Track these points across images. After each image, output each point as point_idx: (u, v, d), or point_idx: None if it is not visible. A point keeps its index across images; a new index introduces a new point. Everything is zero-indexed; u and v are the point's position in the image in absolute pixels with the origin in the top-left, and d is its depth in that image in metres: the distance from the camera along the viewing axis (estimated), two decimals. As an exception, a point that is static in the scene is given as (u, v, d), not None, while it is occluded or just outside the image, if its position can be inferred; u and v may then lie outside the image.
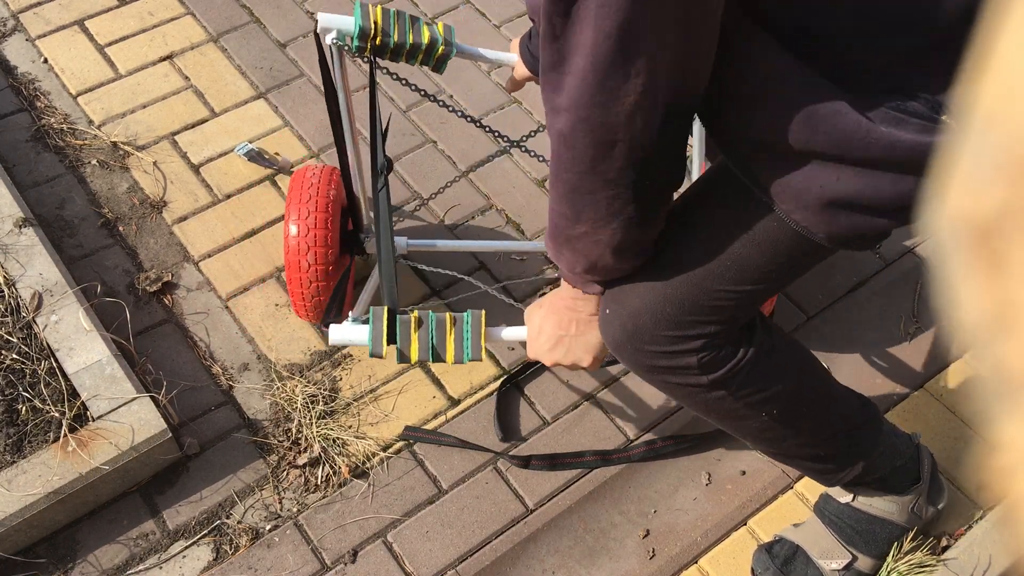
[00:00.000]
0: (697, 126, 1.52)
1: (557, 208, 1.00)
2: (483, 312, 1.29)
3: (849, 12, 0.87)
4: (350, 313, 1.42)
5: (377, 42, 1.36)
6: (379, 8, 1.37)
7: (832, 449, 1.28)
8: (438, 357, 1.27)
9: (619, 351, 1.14)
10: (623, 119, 0.87)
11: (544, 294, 1.75)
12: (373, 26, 1.35)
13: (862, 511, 1.39)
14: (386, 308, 1.27)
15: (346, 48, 1.37)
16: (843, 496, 1.40)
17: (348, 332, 1.29)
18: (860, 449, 1.30)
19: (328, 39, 1.36)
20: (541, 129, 1.65)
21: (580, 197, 0.96)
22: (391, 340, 1.26)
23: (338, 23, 1.36)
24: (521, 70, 1.49)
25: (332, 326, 1.30)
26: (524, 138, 1.57)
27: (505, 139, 1.56)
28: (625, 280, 1.11)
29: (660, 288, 1.08)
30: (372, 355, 1.26)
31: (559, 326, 1.20)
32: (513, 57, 1.50)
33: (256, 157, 1.87)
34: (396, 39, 1.36)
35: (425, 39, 1.38)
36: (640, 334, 1.10)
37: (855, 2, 0.87)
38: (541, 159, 1.64)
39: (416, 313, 1.27)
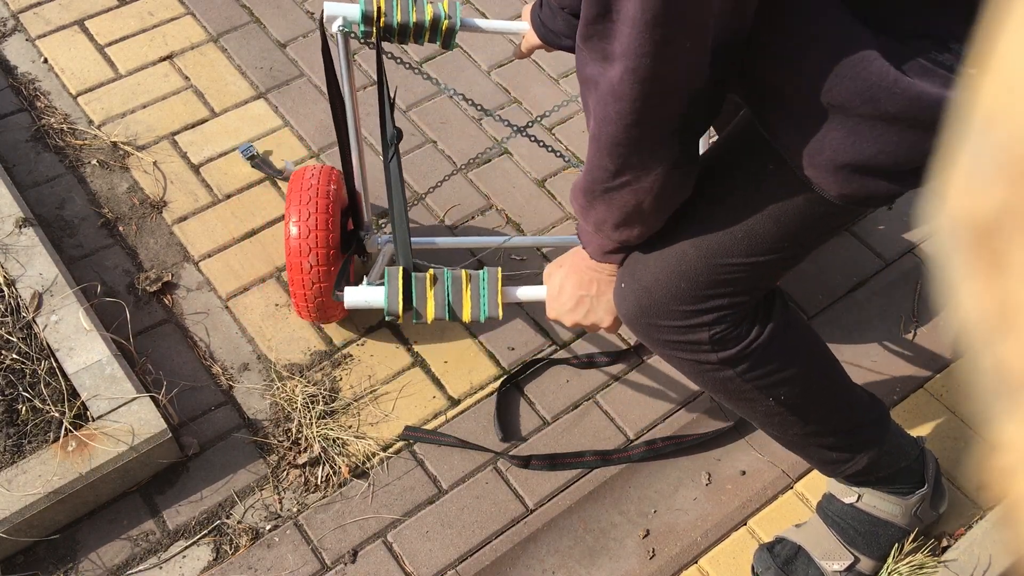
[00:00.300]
0: None
1: (598, 162, 0.97)
2: (499, 269, 1.28)
3: None
4: (365, 278, 1.43)
5: (381, 23, 1.37)
6: None
7: (838, 439, 1.28)
8: (454, 315, 1.26)
9: (632, 325, 1.14)
10: (676, 67, 0.85)
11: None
12: (376, 9, 1.36)
13: (866, 512, 1.39)
14: (401, 268, 1.27)
15: (352, 34, 1.38)
16: (847, 496, 1.39)
17: (364, 293, 1.29)
18: (866, 443, 1.29)
19: (334, 27, 1.37)
20: (547, 115, 1.63)
21: (626, 148, 0.94)
22: (407, 300, 1.25)
23: (343, 10, 1.37)
24: (531, 39, 1.47)
25: (347, 288, 1.30)
26: (529, 124, 1.56)
27: (511, 125, 1.56)
28: (639, 253, 1.10)
29: (674, 263, 1.07)
30: (388, 315, 1.25)
31: (580, 285, 1.18)
32: (523, 26, 1.48)
33: (259, 164, 1.88)
34: (399, 19, 1.38)
35: (428, 15, 1.39)
36: (654, 309, 1.10)
37: None
38: (549, 148, 1.63)
39: (432, 271, 1.27)
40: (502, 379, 1.64)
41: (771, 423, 1.24)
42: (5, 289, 1.59)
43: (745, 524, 1.52)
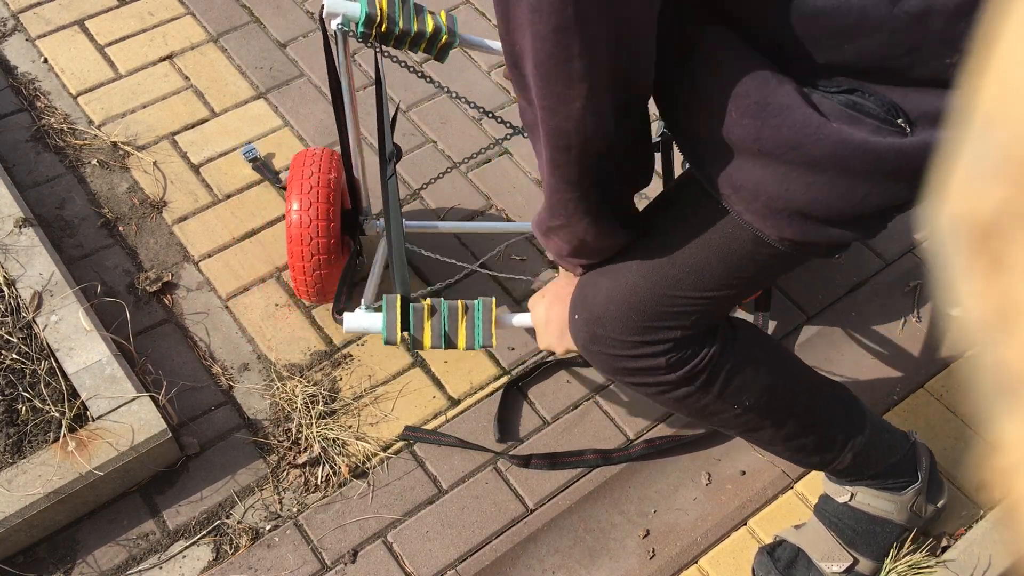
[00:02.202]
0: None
1: (544, 200, 1.02)
2: (493, 299, 1.31)
3: (790, 17, 0.86)
4: (362, 301, 1.43)
5: (383, 29, 1.36)
6: None
7: (815, 438, 1.28)
8: (451, 344, 1.30)
9: (587, 354, 1.16)
10: (573, 123, 0.87)
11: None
12: (379, 12, 1.35)
13: (861, 511, 1.39)
14: (399, 296, 1.29)
15: (351, 34, 1.38)
16: (841, 496, 1.40)
17: (362, 320, 1.32)
18: (846, 438, 1.30)
19: (333, 24, 1.37)
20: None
21: (551, 194, 0.98)
22: (404, 328, 1.28)
23: (344, 8, 1.36)
24: None
25: (346, 315, 1.33)
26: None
27: (508, 125, 1.56)
28: (593, 279, 1.12)
29: (625, 295, 1.09)
30: (387, 343, 1.29)
31: (565, 314, 1.20)
32: None
33: (260, 167, 1.88)
34: (401, 26, 1.37)
35: (429, 27, 1.39)
36: (607, 340, 1.12)
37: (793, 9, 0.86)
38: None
39: (429, 301, 1.29)
40: (508, 380, 1.64)
41: (743, 429, 1.25)
42: (5, 289, 1.59)
43: (745, 524, 1.52)
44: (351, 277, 1.52)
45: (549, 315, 1.23)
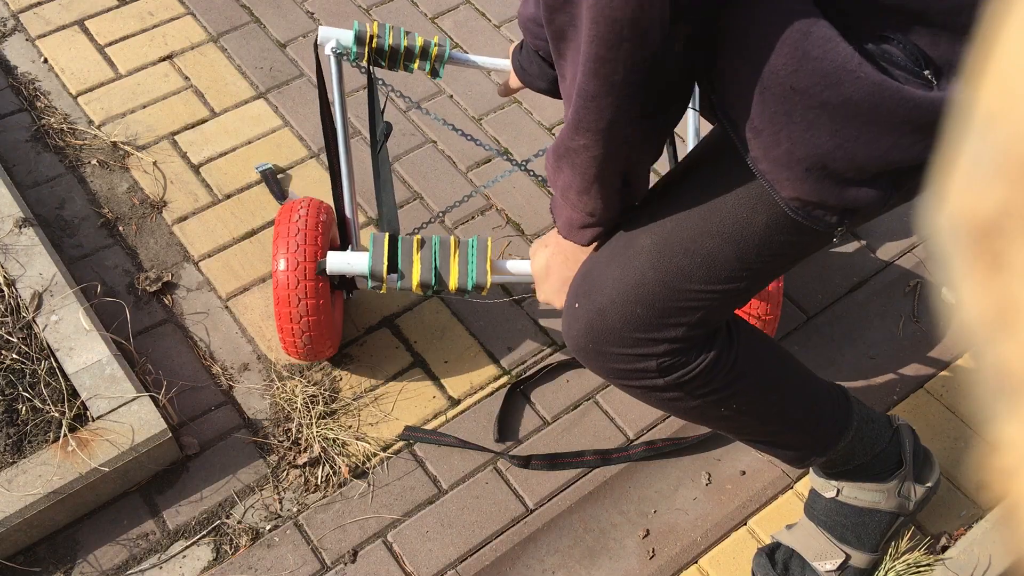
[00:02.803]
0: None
1: (567, 118, 0.95)
2: (489, 239, 1.26)
3: None
4: (349, 247, 1.40)
5: (373, 45, 1.43)
6: (375, 23, 1.46)
7: (801, 435, 1.27)
8: (440, 281, 1.22)
9: (580, 349, 1.12)
10: (630, 11, 0.82)
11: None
12: (369, 33, 1.43)
13: (849, 504, 1.38)
14: (387, 234, 1.24)
15: (344, 56, 1.43)
16: (827, 491, 1.39)
17: (346, 258, 1.26)
18: (831, 434, 1.29)
19: (327, 48, 1.43)
20: (541, 153, 1.67)
21: (584, 102, 0.91)
22: (392, 264, 1.22)
23: (336, 33, 1.44)
24: (513, 80, 1.48)
25: (330, 253, 1.27)
26: (527, 161, 1.60)
27: (512, 160, 1.57)
28: (596, 269, 1.09)
29: (632, 285, 1.06)
30: (371, 278, 1.21)
31: (566, 266, 1.16)
32: (505, 63, 1.51)
33: (267, 178, 1.88)
34: (391, 42, 1.43)
35: (419, 43, 1.47)
36: (606, 334, 1.08)
37: None
38: (540, 179, 1.66)
39: (419, 235, 1.24)
40: (513, 382, 1.64)
41: (727, 428, 1.24)
42: (5, 289, 1.59)
43: (745, 524, 1.52)
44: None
45: (551, 265, 1.18)
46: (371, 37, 1.43)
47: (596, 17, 0.83)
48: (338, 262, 1.25)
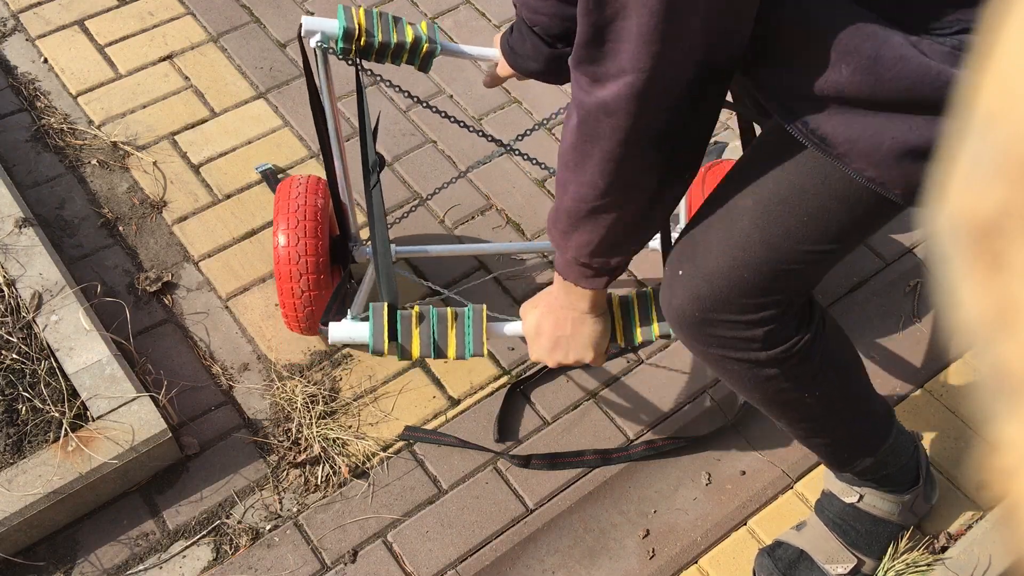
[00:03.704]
0: None
1: (587, 179, 0.97)
2: (484, 307, 1.28)
3: None
4: (348, 311, 1.42)
5: (362, 43, 1.36)
6: (362, 10, 1.38)
7: (854, 439, 1.28)
8: (440, 352, 1.26)
9: (683, 318, 1.11)
10: (672, 81, 0.86)
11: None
12: (357, 27, 1.35)
13: (866, 512, 1.39)
14: (386, 304, 1.26)
15: (331, 50, 1.37)
16: (848, 496, 1.39)
17: (348, 329, 1.28)
18: (877, 442, 1.30)
19: (312, 42, 1.36)
20: (537, 128, 1.64)
21: (616, 165, 0.94)
22: (392, 336, 1.25)
23: (322, 26, 1.36)
24: (503, 68, 1.47)
25: (332, 324, 1.29)
26: (518, 138, 1.57)
27: (498, 142, 1.55)
28: (699, 235, 1.08)
29: (739, 249, 1.04)
30: (373, 352, 1.25)
31: (556, 326, 1.19)
32: (494, 52, 1.47)
33: (269, 178, 1.89)
34: (380, 39, 1.37)
35: (409, 38, 1.38)
36: (713, 300, 1.07)
37: None
38: (534, 161, 1.64)
39: (417, 308, 1.26)
40: (513, 382, 1.64)
41: (795, 418, 1.22)
42: (5, 289, 1.59)
43: (745, 524, 1.52)
44: (342, 293, 1.48)
45: (541, 325, 1.20)
46: (359, 34, 1.36)
47: (635, 87, 0.87)
48: (340, 333, 1.29)
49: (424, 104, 1.53)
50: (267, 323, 1.70)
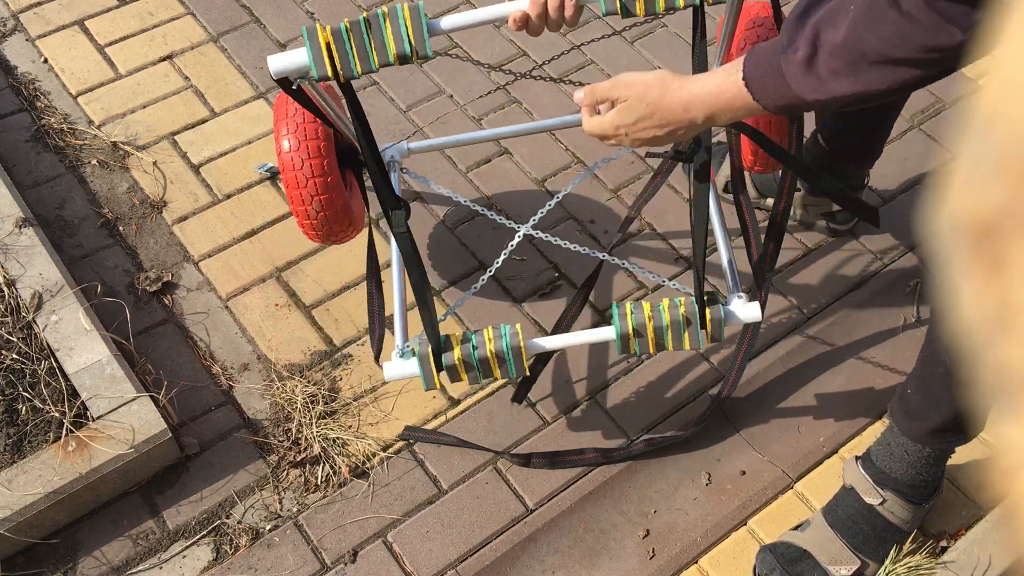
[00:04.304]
0: None
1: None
2: (518, 326, 1.35)
3: None
4: (396, 344, 1.43)
5: (341, 79, 1.21)
6: (329, 29, 1.19)
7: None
8: (488, 378, 1.38)
9: None
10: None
11: (542, 293, 1.76)
12: (328, 66, 1.19)
13: (883, 517, 1.40)
14: (431, 350, 1.34)
15: (315, 80, 1.23)
16: (871, 497, 1.40)
17: (402, 369, 1.39)
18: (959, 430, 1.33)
19: (294, 83, 1.23)
20: (565, 54, 1.64)
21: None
22: (440, 375, 1.36)
23: (288, 61, 1.20)
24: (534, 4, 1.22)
25: (386, 364, 1.39)
26: (534, 68, 1.56)
27: (515, 75, 1.53)
28: None
29: None
30: (427, 389, 1.38)
31: (657, 125, 1.11)
32: (505, 8, 1.24)
33: (270, 178, 1.89)
34: (360, 69, 1.20)
35: (391, 52, 1.20)
36: None
37: None
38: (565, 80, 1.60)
39: (459, 354, 1.34)
40: (540, 356, 1.60)
41: None
42: (5, 289, 1.59)
43: (745, 524, 1.52)
44: (380, 314, 1.51)
45: (641, 113, 1.11)
46: (333, 70, 1.19)
47: None
48: (395, 373, 1.39)
49: (452, 54, 1.51)
50: (267, 323, 1.70)
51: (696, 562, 1.48)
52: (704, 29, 1.26)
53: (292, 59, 1.20)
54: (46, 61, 2.06)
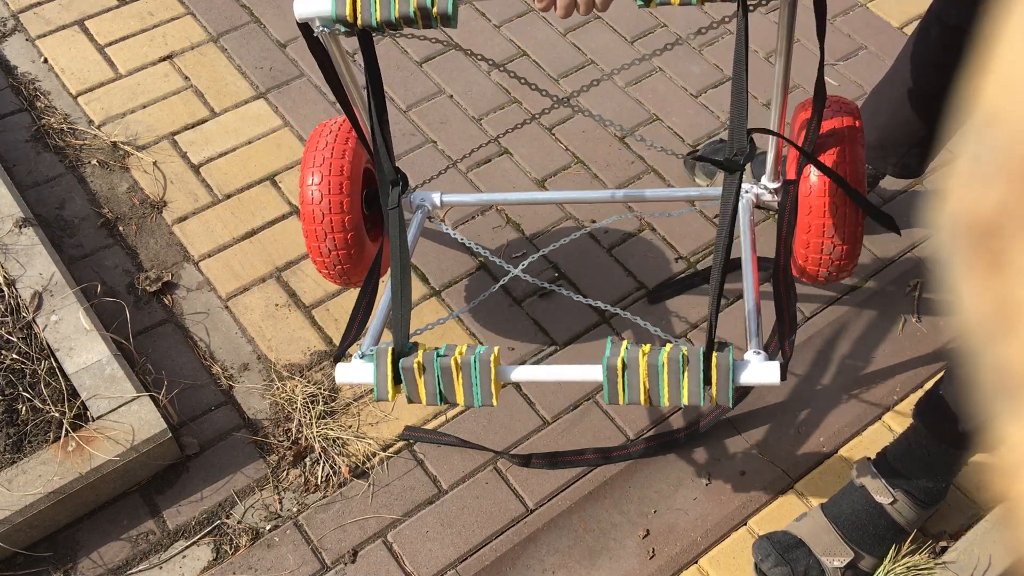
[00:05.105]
0: None
1: None
2: (495, 351, 1.18)
3: None
4: (358, 345, 1.32)
5: (359, 25, 1.19)
6: None
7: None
8: (447, 402, 1.20)
9: None
10: None
11: (542, 293, 1.76)
12: (350, 10, 1.18)
13: (890, 516, 1.40)
14: (390, 350, 1.19)
15: (337, 32, 1.23)
16: (882, 496, 1.40)
17: (355, 372, 1.23)
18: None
19: (315, 29, 1.23)
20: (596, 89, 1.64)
21: None
22: (397, 381, 1.19)
23: (316, 8, 1.20)
24: None
25: (339, 365, 1.24)
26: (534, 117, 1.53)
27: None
28: None
29: None
30: (378, 399, 1.20)
31: None
32: None
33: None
34: (379, 17, 1.18)
35: (413, 4, 1.17)
36: None
37: None
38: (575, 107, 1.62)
39: (420, 358, 1.17)
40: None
41: None
42: (5, 289, 1.59)
43: (745, 524, 1.52)
44: (362, 315, 1.36)
45: None
46: (355, 16, 1.18)
47: None
48: (346, 376, 1.23)
49: (457, 47, 1.42)
50: (267, 323, 1.70)
51: (696, 562, 1.48)
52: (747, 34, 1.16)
53: (316, 4, 1.19)
54: (46, 61, 2.06)
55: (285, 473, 1.54)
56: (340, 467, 1.54)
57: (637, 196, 1.60)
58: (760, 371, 1.14)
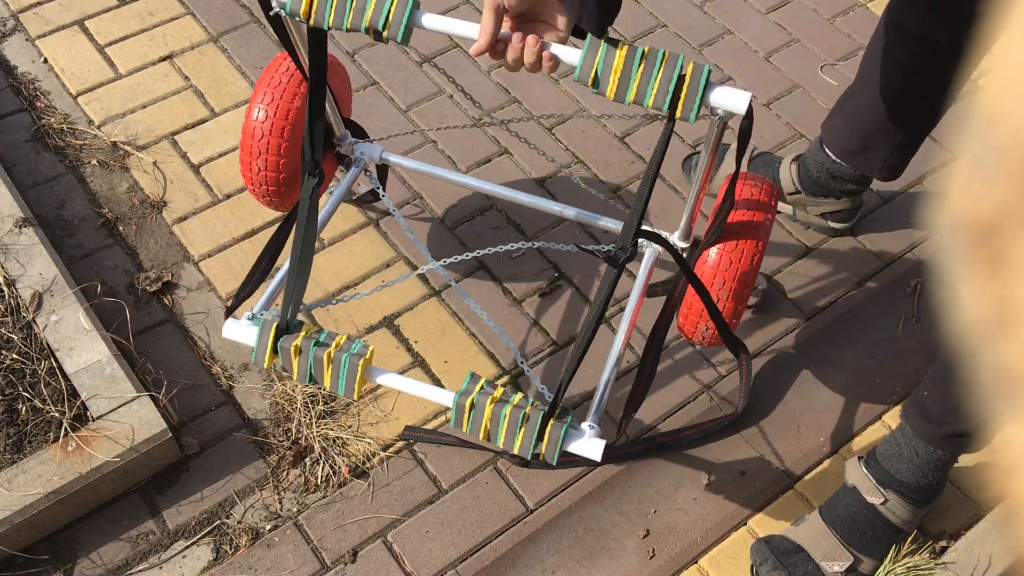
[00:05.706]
0: None
1: None
2: (370, 350, 1.26)
3: None
4: (254, 307, 1.38)
5: (311, 23, 1.21)
6: None
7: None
8: (315, 382, 1.29)
9: None
10: None
11: (542, 293, 1.76)
12: (307, 7, 1.20)
13: (884, 516, 1.40)
14: (275, 326, 1.26)
15: (294, 17, 1.24)
16: (873, 496, 1.40)
17: (240, 332, 1.31)
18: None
19: (274, 7, 1.24)
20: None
21: None
22: (273, 357, 1.28)
23: None
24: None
25: (228, 321, 1.31)
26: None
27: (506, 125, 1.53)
28: None
29: None
30: (255, 363, 1.28)
31: None
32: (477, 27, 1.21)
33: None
34: (332, 22, 1.19)
35: (367, 18, 1.16)
36: None
37: None
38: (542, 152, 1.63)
39: (299, 341, 1.25)
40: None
41: None
42: (5, 289, 1.59)
43: (745, 524, 1.52)
44: (260, 274, 1.42)
45: None
46: (309, 13, 1.20)
47: None
48: (231, 333, 1.32)
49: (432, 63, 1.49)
50: (267, 323, 1.70)
51: (696, 562, 1.48)
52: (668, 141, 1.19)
53: None
54: (46, 61, 2.06)
55: (285, 473, 1.54)
56: (340, 467, 1.54)
57: (589, 219, 1.62)
58: (585, 446, 1.23)
